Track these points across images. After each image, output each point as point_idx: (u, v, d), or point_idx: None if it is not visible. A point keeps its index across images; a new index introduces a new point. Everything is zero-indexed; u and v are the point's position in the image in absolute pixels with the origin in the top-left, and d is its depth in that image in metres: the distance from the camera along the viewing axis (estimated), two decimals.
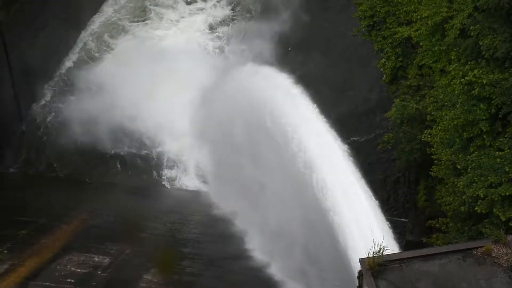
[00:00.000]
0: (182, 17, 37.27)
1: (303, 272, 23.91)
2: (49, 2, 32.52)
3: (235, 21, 36.58)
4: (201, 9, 37.53)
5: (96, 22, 36.58)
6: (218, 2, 37.65)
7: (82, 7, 35.29)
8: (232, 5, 37.41)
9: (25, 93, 32.01)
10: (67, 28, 34.04)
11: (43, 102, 32.90)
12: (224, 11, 37.22)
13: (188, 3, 37.82)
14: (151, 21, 36.97)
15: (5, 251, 25.79)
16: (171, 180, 30.58)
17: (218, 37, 35.98)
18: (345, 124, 27.32)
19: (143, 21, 36.98)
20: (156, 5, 37.67)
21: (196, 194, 29.49)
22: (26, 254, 25.86)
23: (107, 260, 25.72)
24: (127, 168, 31.00)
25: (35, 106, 32.71)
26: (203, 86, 29.16)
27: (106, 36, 35.92)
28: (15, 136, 31.80)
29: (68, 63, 34.48)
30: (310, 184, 21.80)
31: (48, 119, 32.42)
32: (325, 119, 23.20)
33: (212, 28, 36.44)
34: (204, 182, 29.78)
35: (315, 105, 23.65)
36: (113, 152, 31.29)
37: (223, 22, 36.65)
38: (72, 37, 34.90)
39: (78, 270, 25.28)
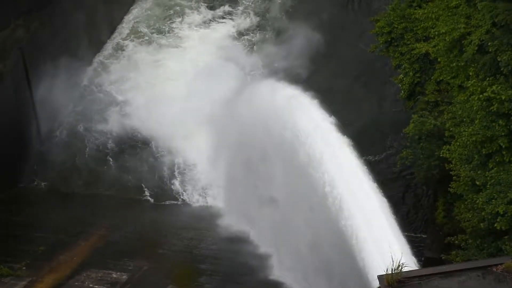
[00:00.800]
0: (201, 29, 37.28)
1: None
2: (69, 22, 32.80)
3: (254, 39, 36.56)
4: (223, 23, 37.56)
5: (114, 41, 36.73)
6: (243, 16, 37.57)
7: (101, 27, 35.62)
8: (253, 24, 37.33)
9: (45, 111, 32.24)
10: (87, 46, 34.32)
11: (62, 119, 33.10)
12: (246, 24, 37.17)
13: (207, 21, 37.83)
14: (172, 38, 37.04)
15: (24, 267, 25.94)
16: (188, 196, 30.62)
17: (239, 50, 35.91)
18: (361, 140, 27.17)
19: (162, 36, 37.03)
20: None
21: (212, 210, 29.48)
22: (44, 270, 25.95)
23: (124, 277, 25.73)
24: (143, 184, 31.05)
25: (54, 123, 32.91)
26: (222, 100, 29.29)
27: (125, 53, 36.08)
28: (34, 153, 32.01)
29: (86, 79, 34.67)
30: (328, 202, 21.81)
31: (65, 137, 32.62)
32: (344, 137, 23.22)
33: (233, 41, 36.49)
34: (221, 198, 29.73)
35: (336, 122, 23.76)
36: (129, 168, 31.40)
37: (244, 36, 36.64)
38: (91, 54, 35.16)
39: (96, 286, 25.32)
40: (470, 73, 23.08)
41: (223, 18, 37.73)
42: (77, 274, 25.84)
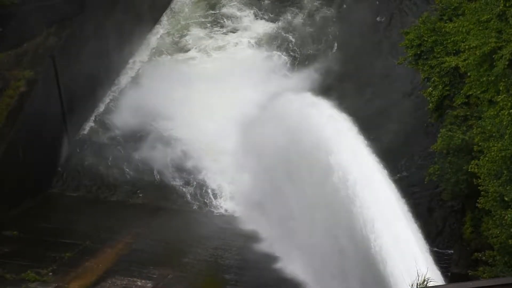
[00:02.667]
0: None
1: None
2: (99, 31, 33.04)
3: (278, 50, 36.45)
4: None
5: (145, 50, 36.81)
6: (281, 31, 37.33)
7: (133, 36, 35.70)
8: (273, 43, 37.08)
9: (73, 118, 32.53)
10: (118, 54, 34.52)
11: (90, 127, 33.29)
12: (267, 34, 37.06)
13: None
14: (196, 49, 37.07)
15: (50, 273, 25.95)
16: (214, 206, 30.61)
17: (266, 61, 35.81)
18: (389, 153, 27.12)
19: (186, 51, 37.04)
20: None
21: (238, 219, 29.46)
22: (70, 276, 25.97)
23: (149, 285, 25.67)
24: (170, 193, 31.06)
25: (82, 130, 33.10)
26: (249, 112, 29.30)
27: (153, 64, 36.13)
28: (62, 160, 32.21)
29: (115, 89, 34.76)
30: (354, 216, 21.71)
31: (94, 143, 32.74)
32: (372, 152, 23.11)
33: (257, 52, 36.37)
34: (247, 208, 29.67)
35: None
36: (157, 176, 31.45)
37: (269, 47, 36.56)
38: (123, 63, 35.37)
39: None
40: (501, 88, 22.84)
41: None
42: (102, 281, 25.83)
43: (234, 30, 37.71)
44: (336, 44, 35.68)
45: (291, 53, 36.01)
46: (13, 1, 30.32)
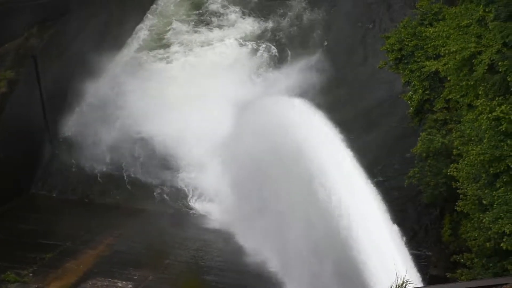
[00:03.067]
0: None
1: None
2: (81, 32, 32.92)
3: (264, 53, 36.52)
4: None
5: (125, 52, 36.65)
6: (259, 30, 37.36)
7: (113, 38, 35.53)
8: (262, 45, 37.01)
9: (55, 118, 32.48)
10: (99, 55, 34.44)
11: (71, 127, 33.15)
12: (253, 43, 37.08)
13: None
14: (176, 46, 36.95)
15: (30, 274, 25.87)
16: (195, 208, 30.61)
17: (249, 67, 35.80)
18: (369, 157, 27.28)
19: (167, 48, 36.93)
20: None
21: (218, 222, 29.46)
22: (51, 277, 25.90)
23: (130, 286, 25.65)
24: (152, 195, 31.08)
25: (64, 131, 33.00)
26: (233, 114, 29.31)
27: (135, 64, 35.96)
28: (44, 161, 32.13)
29: (96, 89, 34.48)
30: (334, 219, 21.82)
31: (75, 144, 32.60)
32: (352, 155, 23.20)
33: (239, 55, 36.30)
34: (228, 211, 29.64)
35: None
36: (138, 178, 31.46)
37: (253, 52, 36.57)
38: (103, 64, 35.12)
39: None
40: (480, 92, 23.01)
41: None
42: (83, 282, 25.77)
43: (220, 27, 37.61)
44: (322, 46, 35.72)
45: (276, 52, 36.05)
46: None
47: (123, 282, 25.80)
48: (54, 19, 31.59)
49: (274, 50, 36.08)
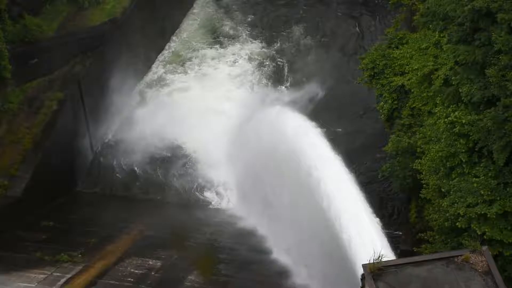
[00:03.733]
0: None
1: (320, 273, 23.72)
2: (116, 60, 32.96)
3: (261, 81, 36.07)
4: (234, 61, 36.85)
5: (150, 75, 36.32)
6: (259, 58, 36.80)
7: (141, 63, 35.44)
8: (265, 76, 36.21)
9: (96, 129, 32.41)
10: (130, 77, 34.47)
11: (110, 136, 33.03)
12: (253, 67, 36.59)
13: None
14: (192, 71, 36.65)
15: (79, 255, 25.98)
16: (211, 200, 30.49)
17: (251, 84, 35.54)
18: (351, 156, 27.24)
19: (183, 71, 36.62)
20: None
21: (229, 212, 29.40)
22: (95, 257, 25.99)
23: (159, 264, 25.70)
24: (174, 189, 30.96)
25: (103, 139, 32.88)
26: (239, 123, 29.12)
27: (158, 79, 35.64)
28: (87, 164, 32.10)
29: (128, 103, 34.22)
30: (326, 214, 21.63)
31: (112, 150, 32.51)
32: (339, 157, 23.14)
33: (244, 75, 35.89)
34: (237, 203, 29.63)
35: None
36: (163, 176, 31.33)
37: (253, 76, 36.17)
38: (133, 84, 35.18)
39: (136, 271, 25.32)
40: (437, 102, 23.17)
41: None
42: (121, 261, 25.83)
43: (230, 46, 37.22)
44: (315, 65, 35.57)
45: (278, 68, 35.89)
46: (45, 36, 30.22)
47: (153, 260, 25.84)
48: (93, 50, 31.62)
49: (276, 66, 35.93)
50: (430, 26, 24.54)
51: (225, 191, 30.32)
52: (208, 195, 30.62)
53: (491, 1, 20.43)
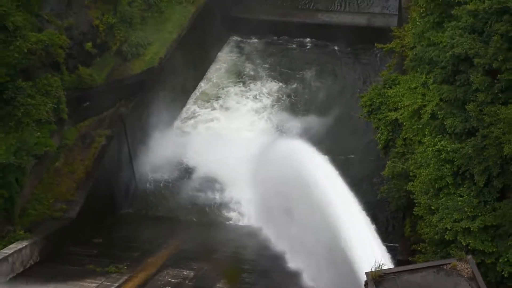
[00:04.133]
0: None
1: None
2: (154, 101, 33.53)
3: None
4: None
5: (184, 112, 36.74)
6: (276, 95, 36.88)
7: (175, 103, 35.85)
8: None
9: (138, 161, 32.78)
10: (167, 114, 34.90)
11: (149, 166, 33.24)
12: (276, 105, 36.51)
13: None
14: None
15: (125, 267, 26.14)
16: (234, 218, 30.75)
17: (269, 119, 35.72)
18: (354, 179, 27.43)
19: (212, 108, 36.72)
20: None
21: (250, 229, 29.58)
22: (138, 269, 26.11)
23: (192, 274, 25.75)
24: (204, 209, 31.21)
25: (144, 169, 33.12)
26: (259, 150, 29.32)
27: (192, 121, 36.07)
28: (131, 189, 32.45)
29: (165, 137, 34.45)
30: (336, 232, 21.84)
31: (152, 178, 32.86)
32: (342, 180, 23.42)
33: (264, 108, 36.11)
34: (257, 221, 29.77)
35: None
36: (194, 198, 31.56)
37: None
38: (170, 121, 35.48)
39: (173, 280, 25.36)
40: (426, 132, 23.43)
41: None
42: (160, 271, 25.88)
43: (252, 84, 37.56)
44: (324, 103, 35.82)
45: (292, 105, 36.18)
46: (96, 83, 31.01)
47: (187, 271, 25.83)
48: (135, 94, 32.17)
49: (291, 101, 36.23)
50: (418, 69, 24.96)
51: (249, 210, 30.45)
52: (234, 214, 30.80)
53: (468, 48, 20.98)
